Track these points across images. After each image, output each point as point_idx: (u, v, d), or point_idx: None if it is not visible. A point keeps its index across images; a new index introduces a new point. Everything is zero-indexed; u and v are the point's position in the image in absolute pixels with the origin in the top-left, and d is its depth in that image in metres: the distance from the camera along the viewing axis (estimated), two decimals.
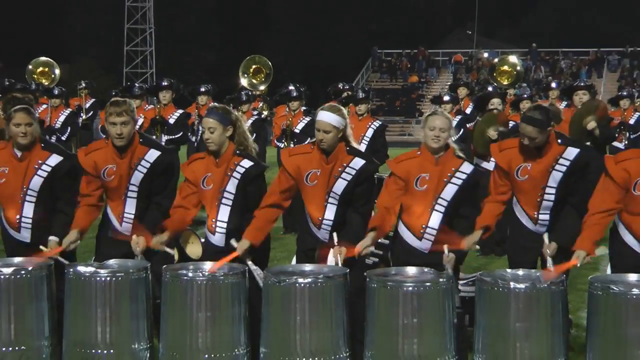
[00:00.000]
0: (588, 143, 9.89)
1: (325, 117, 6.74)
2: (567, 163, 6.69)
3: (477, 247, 6.87)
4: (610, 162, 6.41)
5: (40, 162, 6.98)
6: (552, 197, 6.72)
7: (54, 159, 7.02)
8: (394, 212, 6.73)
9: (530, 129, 6.60)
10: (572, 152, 6.74)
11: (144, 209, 7.02)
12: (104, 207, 7.16)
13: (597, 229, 6.31)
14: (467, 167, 6.72)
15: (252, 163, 6.80)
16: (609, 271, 7.09)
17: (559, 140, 6.80)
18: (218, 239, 6.81)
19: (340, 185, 6.76)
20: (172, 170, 7.18)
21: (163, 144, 11.71)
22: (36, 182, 6.96)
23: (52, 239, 6.90)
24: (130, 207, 7.02)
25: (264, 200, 6.80)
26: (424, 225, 6.67)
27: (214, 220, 6.81)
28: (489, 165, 11.07)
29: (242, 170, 6.76)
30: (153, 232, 6.91)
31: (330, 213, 6.79)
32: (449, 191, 6.64)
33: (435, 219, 6.66)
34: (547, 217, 6.77)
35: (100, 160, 7.00)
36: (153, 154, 7.03)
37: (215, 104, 7.89)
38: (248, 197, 6.77)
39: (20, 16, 71.18)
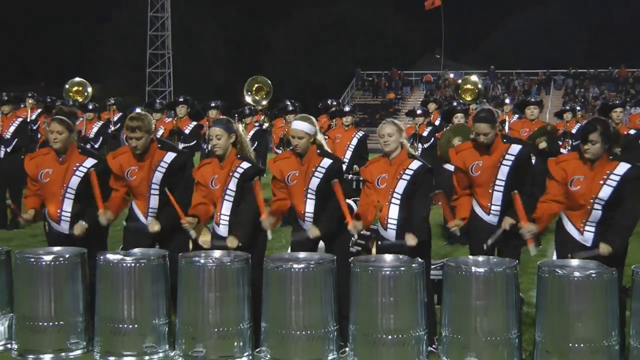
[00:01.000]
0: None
1: (298, 125, 6.79)
2: (512, 158, 6.69)
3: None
4: (551, 164, 6.46)
5: (78, 164, 6.98)
6: (502, 189, 6.69)
7: (89, 162, 7.02)
8: (373, 207, 6.74)
9: (483, 125, 6.65)
10: (515, 148, 6.75)
11: (164, 204, 6.97)
12: (130, 203, 7.14)
13: (546, 208, 6.39)
14: (415, 164, 6.66)
15: (249, 165, 6.79)
16: (554, 257, 7.11)
17: (504, 140, 6.83)
18: (222, 230, 6.80)
19: (314, 182, 6.78)
20: (184, 168, 7.13)
21: None
22: (74, 181, 6.95)
23: (81, 222, 6.87)
24: (154, 203, 6.98)
25: (274, 197, 6.95)
26: (386, 217, 6.67)
27: (219, 214, 6.80)
28: (452, 168, 11.11)
29: (241, 170, 6.76)
30: (169, 221, 6.90)
31: (310, 207, 6.81)
32: (401, 186, 6.63)
33: (393, 211, 6.65)
34: (498, 207, 6.73)
35: (124, 162, 6.99)
36: (170, 156, 7.01)
37: (221, 116, 7.88)
38: (243, 194, 6.75)
39: (59, 43, 71.25)
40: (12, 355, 6.50)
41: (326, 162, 6.84)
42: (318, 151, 6.88)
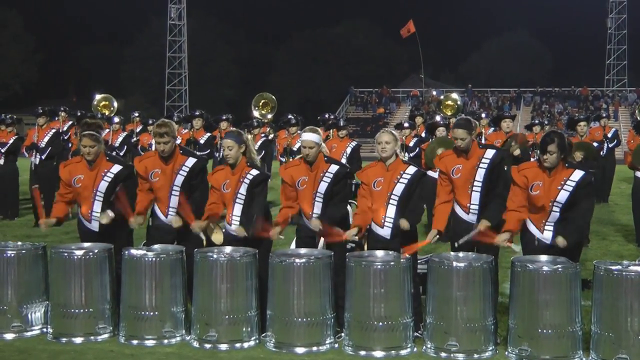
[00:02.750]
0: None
1: (309, 137, 6.75)
2: (488, 161, 6.62)
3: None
4: (514, 171, 6.44)
5: (106, 170, 6.94)
6: (479, 189, 6.63)
7: (116, 168, 6.97)
8: (370, 211, 6.66)
9: (460, 131, 6.60)
10: (490, 153, 6.69)
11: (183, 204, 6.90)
12: (152, 205, 7.09)
13: (514, 217, 6.33)
14: (411, 169, 6.63)
15: (258, 172, 6.77)
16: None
17: (480, 146, 6.80)
18: (234, 229, 6.74)
19: (323, 187, 6.71)
20: (205, 172, 7.11)
21: None
22: (103, 185, 6.90)
23: (107, 212, 6.83)
24: (174, 203, 6.91)
25: (282, 204, 6.87)
26: (383, 217, 6.60)
27: (231, 215, 6.75)
28: (436, 175, 11.08)
29: (250, 177, 6.73)
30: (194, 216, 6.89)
31: (317, 209, 6.73)
32: (398, 189, 6.58)
33: (390, 211, 6.59)
34: (476, 207, 6.65)
35: (149, 165, 6.95)
36: (191, 161, 6.97)
37: (232, 128, 7.86)
38: (253, 197, 6.71)
39: (89, 63, 71.38)
40: (47, 338, 6.48)
41: (333, 167, 6.78)
42: (325, 158, 6.85)
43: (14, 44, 66.17)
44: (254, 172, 6.74)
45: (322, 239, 6.72)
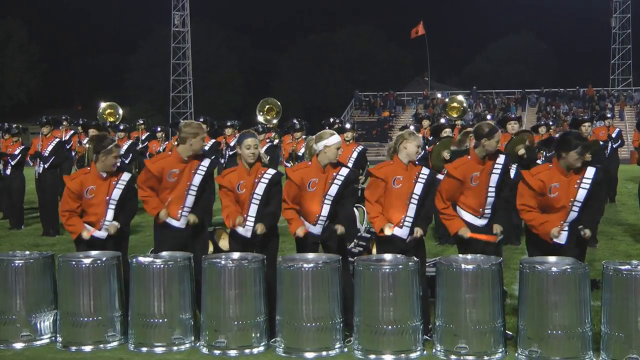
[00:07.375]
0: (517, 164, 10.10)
1: (339, 138, 6.77)
2: (500, 167, 6.68)
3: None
4: (527, 175, 6.45)
5: (117, 178, 6.99)
6: (493, 194, 6.67)
7: (126, 175, 7.06)
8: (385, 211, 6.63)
9: (499, 134, 6.67)
10: (502, 158, 6.74)
11: (196, 204, 6.96)
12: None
13: (538, 216, 6.38)
14: (425, 170, 6.66)
15: (275, 171, 6.79)
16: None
17: None
18: (247, 232, 6.71)
19: (333, 189, 6.70)
20: (213, 174, 7.18)
21: None
22: (116, 193, 6.95)
23: (114, 222, 6.88)
24: (190, 202, 6.93)
25: (284, 206, 6.79)
26: (404, 216, 6.57)
27: (245, 216, 6.70)
28: (442, 177, 11.07)
29: (269, 176, 6.73)
30: (203, 217, 6.93)
31: (325, 211, 6.71)
32: (418, 188, 6.57)
33: (411, 210, 6.56)
34: (489, 210, 6.70)
35: (167, 165, 6.95)
36: (207, 161, 7.05)
37: (237, 134, 7.88)
38: (270, 197, 6.70)
39: (94, 71, 71.57)
40: (56, 347, 6.48)
41: (344, 170, 6.79)
42: (335, 161, 6.85)
43: (19, 53, 66.49)
44: (271, 171, 6.77)
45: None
